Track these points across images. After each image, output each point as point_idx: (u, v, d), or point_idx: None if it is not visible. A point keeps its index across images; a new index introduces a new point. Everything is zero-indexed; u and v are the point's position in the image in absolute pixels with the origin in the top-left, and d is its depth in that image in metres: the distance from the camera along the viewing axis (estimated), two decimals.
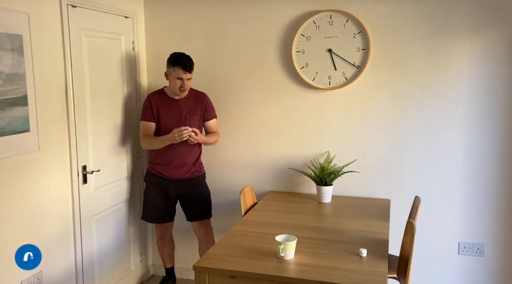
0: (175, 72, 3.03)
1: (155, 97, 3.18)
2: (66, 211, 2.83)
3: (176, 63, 3.03)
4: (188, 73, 3.05)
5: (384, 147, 3.21)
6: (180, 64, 3.02)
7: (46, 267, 2.67)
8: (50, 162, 2.67)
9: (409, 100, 3.13)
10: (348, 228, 2.65)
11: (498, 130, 3.02)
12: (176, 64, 3.02)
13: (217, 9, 3.40)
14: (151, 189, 3.29)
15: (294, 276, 2.05)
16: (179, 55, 3.07)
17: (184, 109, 3.16)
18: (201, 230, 3.34)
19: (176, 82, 3.05)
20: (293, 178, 3.42)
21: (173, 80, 3.06)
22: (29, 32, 2.47)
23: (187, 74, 3.04)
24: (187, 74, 3.04)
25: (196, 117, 3.21)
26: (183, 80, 3.05)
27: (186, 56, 3.06)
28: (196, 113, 3.21)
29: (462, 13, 2.97)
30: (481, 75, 3.00)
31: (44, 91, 2.60)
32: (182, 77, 3.03)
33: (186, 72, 3.03)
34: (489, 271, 3.16)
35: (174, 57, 3.07)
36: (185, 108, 3.17)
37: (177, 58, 3.05)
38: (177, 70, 3.02)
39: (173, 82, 3.07)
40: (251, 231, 2.61)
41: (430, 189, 3.17)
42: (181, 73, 3.02)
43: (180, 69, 3.02)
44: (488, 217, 3.11)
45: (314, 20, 3.20)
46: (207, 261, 2.21)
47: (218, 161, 3.54)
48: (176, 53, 3.09)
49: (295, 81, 3.31)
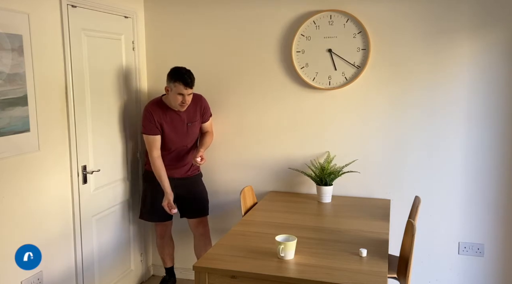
0: (176, 87, 2.96)
1: (156, 110, 3.11)
2: (66, 211, 2.83)
3: (177, 79, 2.95)
4: (189, 88, 2.98)
5: (384, 147, 3.21)
6: (181, 80, 2.94)
7: (46, 267, 2.67)
8: (50, 162, 2.67)
9: (409, 100, 3.13)
10: (348, 228, 2.65)
11: (498, 130, 3.02)
12: (177, 80, 2.95)
13: (217, 9, 3.40)
14: (151, 189, 3.30)
15: (294, 276, 2.05)
16: (180, 70, 2.99)
17: (185, 118, 3.16)
18: (199, 228, 3.35)
19: (177, 97, 2.99)
20: (293, 178, 3.42)
21: (174, 95, 2.99)
22: (29, 32, 2.47)
23: (188, 90, 2.97)
24: (188, 89, 2.98)
25: (197, 122, 3.23)
26: (184, 96, 2.99)
27: (187, 71, 2.99)
28: (197, 119, 3.22)
29: (462, 13, 2.97)
30: (481, 75, 3.00)
31: (44, 91, 2.60)
32: (183, 93, 2.97)
33: (187, 88, 2.96)
34: (489, 271, 3.16)
35: (175, 72, 2.98)
36: (186, 116, 3.16)
37: (178, 74, 2.96)
38: (178, 85, 2.95)
39: (174, 98, 3.00)
40: (251, 231, 2.61)
41: (430, 189, 3.17)
42: (182, 89, 2.95)
43: (181, 85, 2.94)
44: (488, 217, 3.11)
45: (314, 20, 3.20)
46: (207, 261, 2.21)
47: (218, 161, 3.54)
48: (177, 68, 3.01)
49: (295, 81, 3.31)
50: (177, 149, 3.20)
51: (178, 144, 3.19)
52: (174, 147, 3.19)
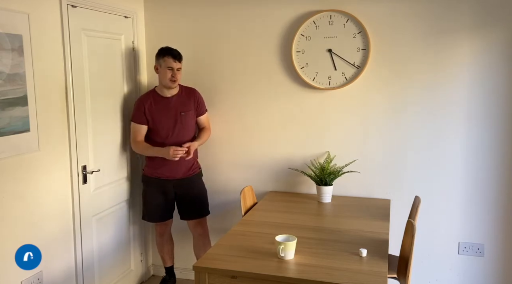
0: (165, 62, 3.09)
1: (146, 98, 3.19)
2: (66, 211, 2.83)
3: (165, 54, 3.10)
4: (178, 62, 3.11)
5: (384, 147, 3.21)
6: (169, 53, 3.09)
7: (46, 267, 2.67)
8: (50, 162, 2.67)
9: (409, 100, 3.13)
10: (348, 228, 2.65)
11: (498, 130, 3.02)
12: (165, 55, 3.09)
13: (217, 9, 3.40)
14: (150, 190, 3.30)
15: (294, 276, 2.05)
16: (166, 47, 3.15)
17: (177, 106, 3.17)
18: (198, 228, 3.35)
19: (167, 72, 3.09)
20: (293, 178, 3.42)
21: (164, 71, 3.11)
22: (29, 32, 2.47)
23: (177, 63, 3.11)
24: (177, 63, 3.11)
25: (191, 112, 3.23)
26: (174, 70, 3.10)
27: (173, 48, 3.14)
28: (190, 109, 3.23)
29: (462, 13, 2.97)
30: (481, 75, 3.00)
31: (44, 91, 2.60)
32: (172, 66, 3.08)
33: (175, 60, 3.10)
34: (489, 271, 3.16)
35: (162, 49, 3.15)
36: (178, 105, 3.18)
37: (165, 49, 3.13)
38: (166, 59, 3.08)
39: (164, 73, 3.11)
40: (251, 231, 2.61)
41: (430, 189, 3.17)
42: (171, 61, 3.08)
43: (169, 58, 3.08)
44: (488, 217, 3.11)
45: (314, 20, 3.20)
46: (207, 261, 2.21)
47: (218, 161, 3.54)
48: (163, 47, 3.16)
49: (295, 81, 3.31)
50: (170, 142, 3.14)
51: (170, 134, 3.16)
52: (166, 139, 3.15)
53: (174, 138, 3.17)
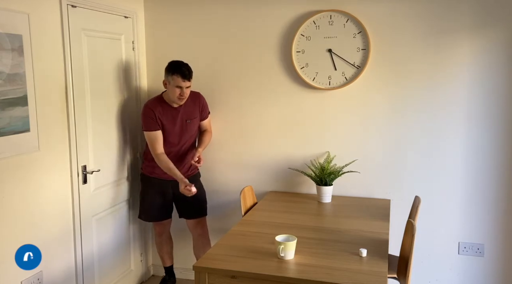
0: (174, 80, 2.96)
1: (155, 105, 3.10)
2: (66, 211, 2.83)
3: (174, 72, 2.96)
4: (187, 81, 2.99)
5: (384, 147, 3.21)
6: (179, 72, 2.95)
7: (46, 267, 2.67)
8: (50, 162, 2.67)
9: (409, 100, 3.13)
10: (348, 228, 2.65)
11: (498, 131, 3.02)
12: (174, 72, 2.96)
13: (217, 9, 3.40)
14: (148, 189, 3.30)
15: (294, 276, 2.05)
16: (177, 63, 3.01)
17: (184, 115, 3.16)
18: (198, 228, 3.35)
19: (175, 90, 2.99)
20: (293, 178, 3.42)
21: (172, 88, 3.00)
22: (29, 32, 2.47)
23: (186, 82, 2.98)
24: (186, 82, 2.98)
25: (196, 119, 3.23)
26: (182, 89, 2.99)
27: (184, 64, 3.01)
28: (196, 116, 3.22)
29: (462, 13, 2.97)
30: (481, 75, 3.00)
31: (44, 91, 2.60)
32: (181, 85, 2.97)
33: (185, 80, 2.97)
34: (489, 271, 3.16)
35: (172, 65, 3.00)
36: (184, 113, 3.17)
37: (175, 66, 2.98)
38: (175, 78, 2.96)
39: (172, 91, 3.00)
40: (251, 231, 2.61)
41: (430, 189, 3.17)
42: (180, 81, 2.96)
43: (179, 78, 2.95)
44: (488, 217, 3.11)
45: (314, 20, 3.20)
46: (207, 261, 2.21)
47: (218, 161, 3.54)
48: (174, 61, 3.02)
49: (295, 81, 3.31)
50: (175, 148, 3.18)
51: (176, 142, 3.18)
52: (172, 146, 3.17)
53: (180, 146, 3.19)
